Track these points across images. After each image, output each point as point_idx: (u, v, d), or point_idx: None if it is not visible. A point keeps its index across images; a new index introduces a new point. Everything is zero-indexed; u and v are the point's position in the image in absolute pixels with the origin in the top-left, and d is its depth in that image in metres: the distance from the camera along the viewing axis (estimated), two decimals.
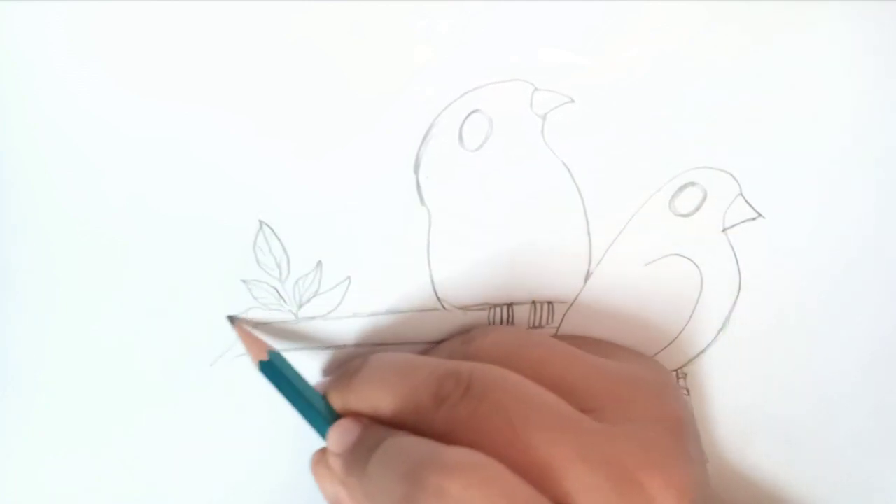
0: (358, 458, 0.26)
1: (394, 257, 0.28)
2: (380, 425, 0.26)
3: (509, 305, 0.30)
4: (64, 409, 0.29)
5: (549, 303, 0.30)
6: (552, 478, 0.23)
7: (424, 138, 0.27)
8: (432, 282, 0.29)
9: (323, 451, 0.28)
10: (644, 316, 0.30)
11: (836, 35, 0.26)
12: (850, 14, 0.26)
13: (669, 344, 0.30)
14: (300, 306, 0.29)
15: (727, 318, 0.30)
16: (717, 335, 0.30)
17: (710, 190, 0.28)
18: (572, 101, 0.27)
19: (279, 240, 0.28)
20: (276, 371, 0.28)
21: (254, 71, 0.25)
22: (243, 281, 0.28)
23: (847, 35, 0.26)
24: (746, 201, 0.28)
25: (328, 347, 0.30)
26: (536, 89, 0.26)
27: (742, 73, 0.26)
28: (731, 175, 0.28)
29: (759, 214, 0.28)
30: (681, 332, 0.30)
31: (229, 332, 0.29)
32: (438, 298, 0.29)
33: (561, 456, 0.23)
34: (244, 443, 0.31)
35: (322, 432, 0.27)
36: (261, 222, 0.27)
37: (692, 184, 0.28)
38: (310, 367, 0.30)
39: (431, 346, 0.30)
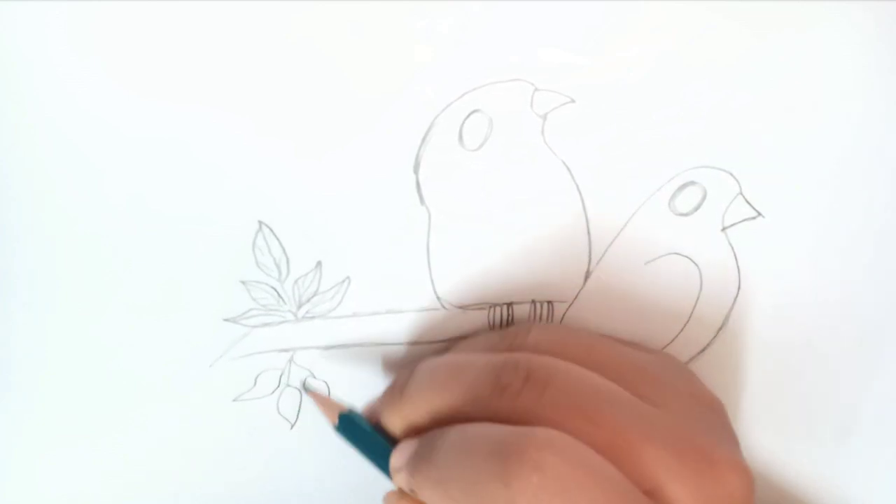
0: (421, 455, 0.25)
1: (393, 257, 0.28)
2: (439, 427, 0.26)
3: (509, 305, 0.30)
4: (63, 409, 0.29)
5: (549, 302, 0.30)
6: (629, 459, 0.23)
7: (424, 138, 0.27)
8: (432, 281, 0.29)
9: (394, 492, 0.28)
10: (644, 315, 0.30)
11: (836, 34, 0.26)
12: (851, 13, 0.26)
13: (670, 343, 0.30)
14: (299, 306, 0.29)
15: (727, 317, 0.30)
16: (717, 334, 0.30)
17: (709, 189, 0.28)
18: (573, 101, 0.27)
19: (278, 240, 0.28)
20: (351, 427, 0.29)
21: (254, 71, 0.25)
22: (242, 282, 0.28)
23: (847, 34, 0.26)
24: (746, 200, 0.28)
25: (328, 347, 0.30)
26: (537, 89, 0.26)
27: (742, 73, 0.26)
28: (731, 174, 0.28)
29: (759, 213, 0.28)
30: (681, 331, 0.30)
31: (228, 333, 0.29)
32: (438, 298, 0.29)
33: (633, 438, 0.24)
34: (244, 443, 0.31)
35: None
36: (260, 223, 0.27)
37: (692, 183, 0.28)
38: (309, 366, 0.30)
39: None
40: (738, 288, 0.30)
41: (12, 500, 0.30)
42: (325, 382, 0.30)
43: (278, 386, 0.30)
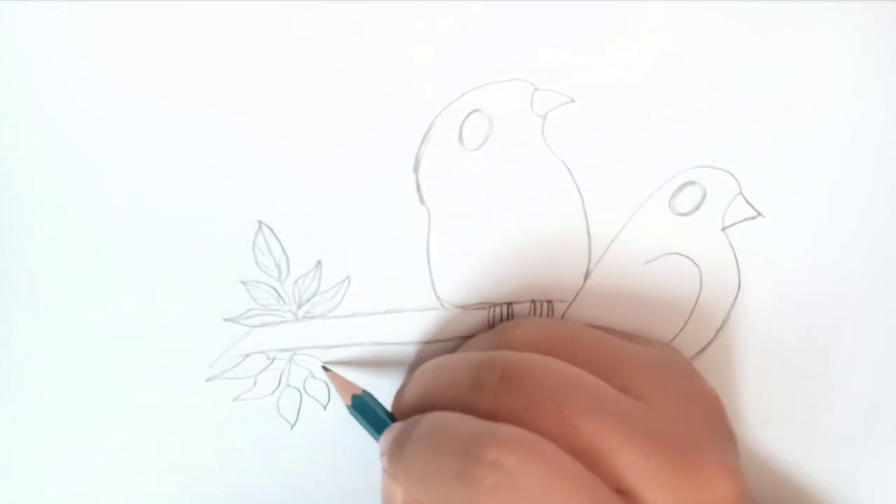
0: (397, 443, 0.25)
1: (393, 257, 0.28)
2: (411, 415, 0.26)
3: (509, 304, 0.30)
4: (63, 409, 0.29)
5: (549, 301, 0.30)
6: (603, 460, 0.23)
7: (424, 138, 0.27)
8: (432, 281, 0.29)
9: (385, 473, 0.28)
10: (643, 315, 0.30)
11: (836, 34, 0.26)
12: (851, 13, 0.26)
13: (669, 342, 0.30)
14: (299, 306, 0.29)
15: (726, 317, 0.30)
16: (717, 334, 0.30)
17: (709, 189, 0.28)
18: (572, 100, 0.27)
19: (278, 240, 0.28)
20: (364, 408, 0.28)
21: (254, 71, 0.25)
22: (242, 282, 0.28)
23: (847, 34, 0.26)
24: (746, 200, 0.28)
25: (328, 347, 0.30)
26: (536, 89, 0.26)
27: (742, 73, 0.26)
28: (731, 174, 0.28)
29: (759, 213, 0.28)
30: (680, 331, 0.30)
31: (228, 333, 0.29)
32: (438, 297, 0.29)
33: (609, 437, 0.23)
34: (244, 443, 0.31)
35: None
36: (260, 223, 0.27)
37: (692, 183, 0.28)
38: (309, 366, 0.30)
39: (426, 345, 0.30)
40: (738, 288, 0.30)
41: (12, 500, 0.30)
42: (326, 382, 0.30)
43: (278, 386, 0.30)
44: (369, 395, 0.29)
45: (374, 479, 0.28)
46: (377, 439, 0.27)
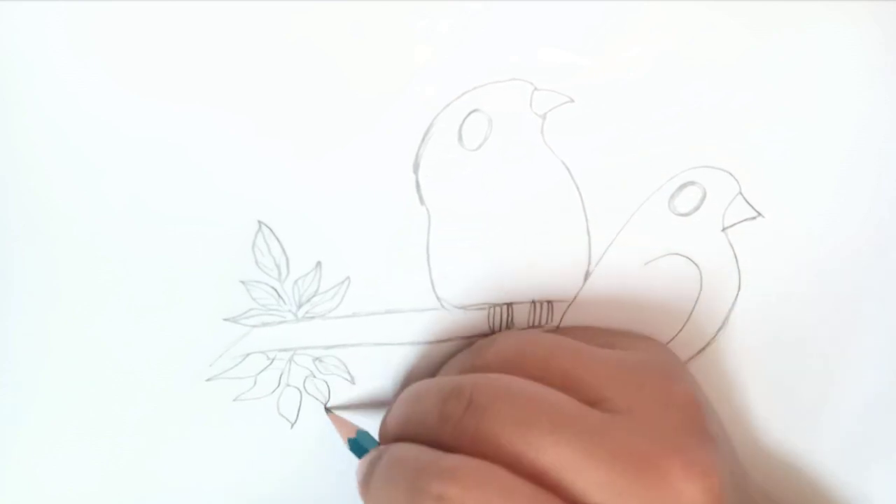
0: (365, 477, 0.26)
1: (393, 257, 0.28)
2: (386, 444, 0.27)
3: (509, 305, 0.30)
4: (63, 409, 0.29)
5: (549, 302, 0.30)
6: (564, 479, 0.23)
7: (424, 138, 0.27)
8: (432, 281, 0.29)
9: None
10: (643, 315, 0.30)
11: (837, 34, 0.26)
12: (851, 13, 0.26)
13: (668, 343, 0.30)
14: (299, 306, 0.29)
15: (726, 318, 0.30)
16: (717, 334, 0.30)
17: (709, 189, 0.28)
18: (572, 100, 0.27)
19: (278, 240, 0.28)
20: (361, 448, 0.29)
21: (254, 71, 0.25)
22: (242, 282, 0.28)
23: (847, 34, 0.26)
24: (746, 200, 0.28)
25: (328, 347, 0.30)
26: (536, 89, 0.26)
27: (742, 73, 0.26)
28: (731, 174, 0.28)
29: (759, 214, 0.29)
30: (680, 331, 0.30)
31: (228, 333, 0.29)
32: (438, 298, 0.29)
33: (571, 455, 0.23)
34: (244, 443, 0.31)
35: None
36: (260, 223, 0.27)
37: (692, 183, 0.28)
38: (309, 366, 0.30)
39: (427, 346, 0.30)
40: (738, 288, 0.30)
41: (12, 500, 0.30)
42: (326, 381, 0.30)
43: (278, 386, 0.30)
44: (365, 434, 0.29)
45: None
46: None
